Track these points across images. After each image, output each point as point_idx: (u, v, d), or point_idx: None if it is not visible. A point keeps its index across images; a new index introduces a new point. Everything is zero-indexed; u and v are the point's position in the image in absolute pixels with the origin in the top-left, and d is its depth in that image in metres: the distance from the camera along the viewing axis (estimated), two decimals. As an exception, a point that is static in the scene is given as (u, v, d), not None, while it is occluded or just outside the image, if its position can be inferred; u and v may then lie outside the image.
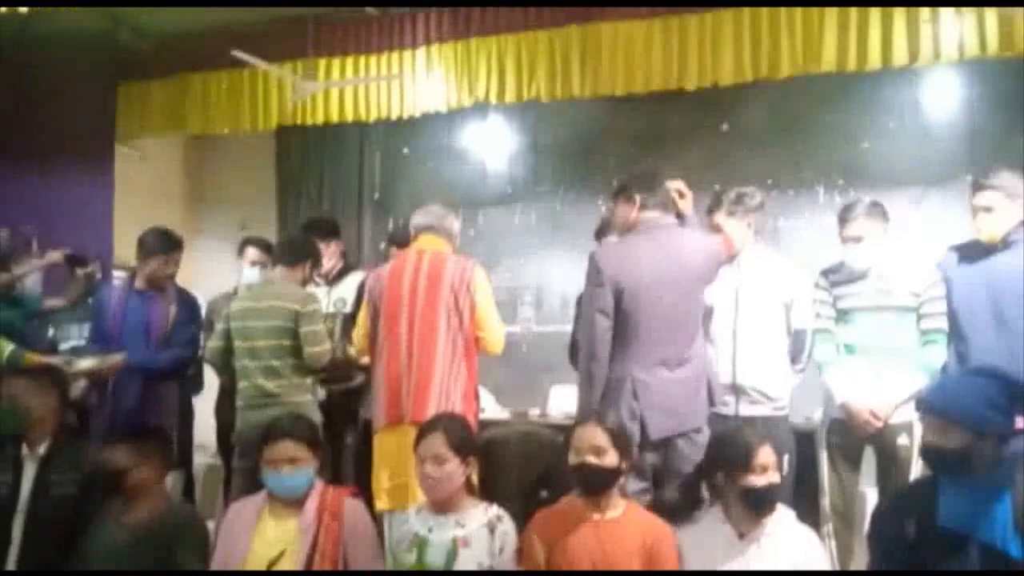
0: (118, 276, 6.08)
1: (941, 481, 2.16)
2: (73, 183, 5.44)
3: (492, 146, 6.25)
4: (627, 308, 2.82)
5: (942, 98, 5.21)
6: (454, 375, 3.05)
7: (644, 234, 2.93)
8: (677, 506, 2.51)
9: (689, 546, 2.37)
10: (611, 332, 2.82)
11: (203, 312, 4.17)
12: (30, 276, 4.35)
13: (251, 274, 4.14)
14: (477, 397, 3.23)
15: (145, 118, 5.64)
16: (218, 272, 4.96)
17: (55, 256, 4.35)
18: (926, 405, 2.19)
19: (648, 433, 2.77)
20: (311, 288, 3.81)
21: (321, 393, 3.67)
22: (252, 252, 4.16)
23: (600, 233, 3.72)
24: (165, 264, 3.87)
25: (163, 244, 3.88)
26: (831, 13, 4.20)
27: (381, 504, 3.04)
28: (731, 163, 5.33)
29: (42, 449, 2.98)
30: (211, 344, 3.52)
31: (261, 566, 2.40)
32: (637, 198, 2.95)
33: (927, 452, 2.16)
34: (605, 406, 2.74)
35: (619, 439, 2.40)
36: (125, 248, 5.45)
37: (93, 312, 3.96)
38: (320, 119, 5.25)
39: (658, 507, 2.59)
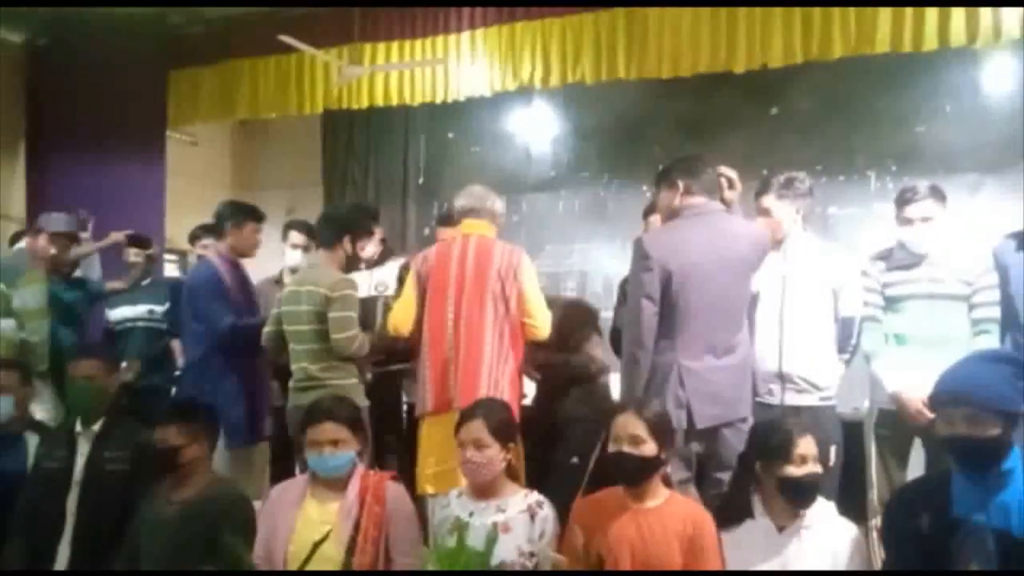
0: (170, 259, 6.21)
1: (955, 472, 2.10)
2: (126, 168, 5.56)
3: (536, 131, 6.24)
4: (675, 294, 2.78)
5: (1001, 80, 5.05)
6: (502, 362, 3.05)
7: (691, 219, 2.89)
8: (728, 506, 2.46)
9: (728, 537, 2.34)
10: (657, 318, 2.79)
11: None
12: (88, 259, 4.46)
13: (294, 257, 4.18)
14: (522, 382, 3.23)
15: (195, 104, 5.75)
16: (266, 256, 5.04)
17: (118, 236, 4.43)
18: (954, 395, 2.08)
19: (694, 422, 2.74)
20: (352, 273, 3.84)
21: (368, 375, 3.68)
22: (295, 235, 4.22)
23: (648, 213, 3.68)
24: (257, 232, 3.88)
25: (255, 212, 3.89)
26: (886, -9, 4.08)
27: (428, 488, 3.05)
28: (780, 148, 5.24)
29: (96, 427, 3.06)
30: (266, 329, 3.56)
31: (305, 547, 2.42)
32: (680, 184, 2.92)
33: (961, 445, 2.05)
34: (650, 393, 2.71)
35: (658, 429, 2.36)
36: (176, 232, 5.58)
37: (206, 288, 3.73)
38: (365, 103, 5.29)
39: (708, 505, 2.56)
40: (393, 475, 2.64)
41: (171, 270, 6.18)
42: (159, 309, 4.48)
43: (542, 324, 3.15)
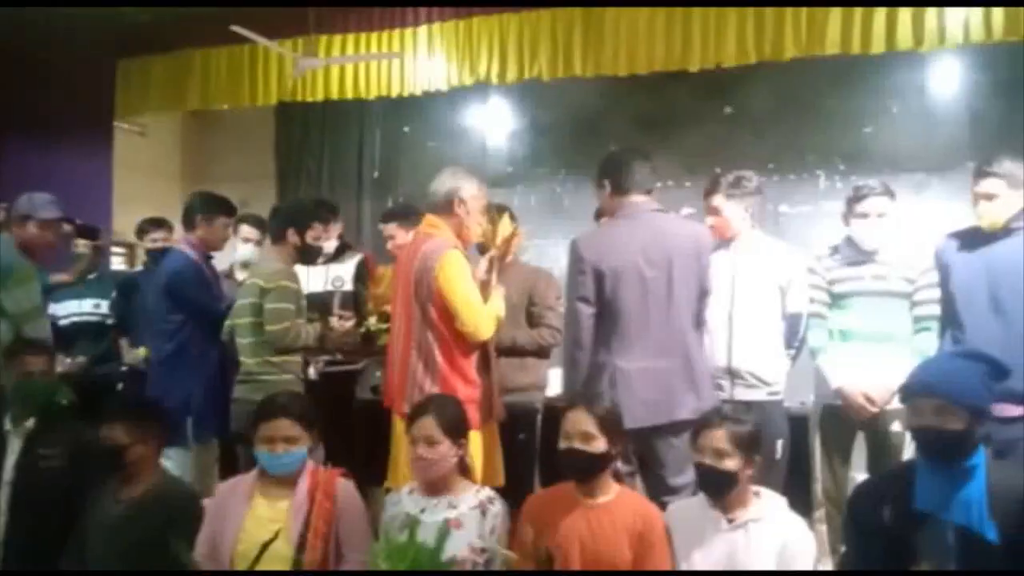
0: (117, 252, 6.06)
1: (919, 465, 2.14)
2: (72, 159, 5.43)
3: (493, 126, 6.23)
4: (609, 294, 2.79)
5: (946, 83, 5.19)
6: (428, 369, 2.88)
7: (626, 219, 2.89)
8: None
9: (677, 526, 2.37)
10: (594, 319, 2.80)
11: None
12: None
13: (245, 251, 4.13)
14: (471, 381, 2.94)
15: (145, 94, 5.63)
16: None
17: (66, 227, 4.30)
18: (924, 387, 2.13)
19: (623, 422, 2.75)
20: (307, 267, 3.80)
21: (312, 372, 3.65)
22: (246, 229, 4.15)
23: (600, 215, 3.70)
24: (227, 226, 3.81)
25: (227, 206, 3.80)
26: (836, -5, 4.17)
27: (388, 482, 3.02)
28: (733, 146, 5.31)
29: (29, 423, 2.99)
30: (226, 323, 3.52)
31: (254, 545, 2.39)
32: (606, 183, 2.93)
33: (926, 435, 2.09)
34: (588, 392, 2.72)
35: (608, 425, 2.39)
36: (124, 225, 5.46)
37: (191, 277, 3.62)
38: (320, 96, 5.24)
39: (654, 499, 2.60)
40: (343, 472, 2.62)
41: (118, 263, 6.06)
42: (105, 303, 4.39)
43: (472, 326, 2.84)
